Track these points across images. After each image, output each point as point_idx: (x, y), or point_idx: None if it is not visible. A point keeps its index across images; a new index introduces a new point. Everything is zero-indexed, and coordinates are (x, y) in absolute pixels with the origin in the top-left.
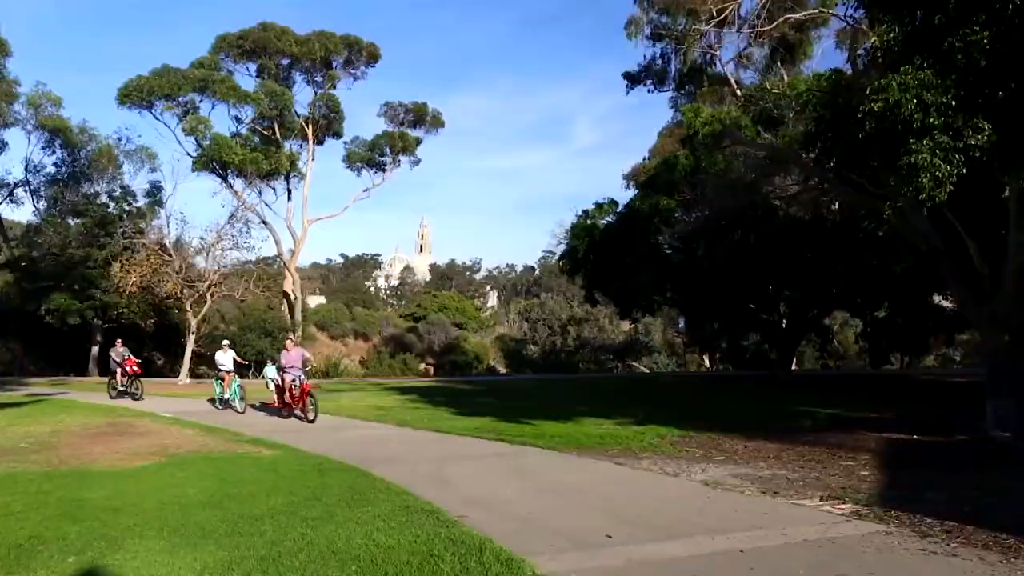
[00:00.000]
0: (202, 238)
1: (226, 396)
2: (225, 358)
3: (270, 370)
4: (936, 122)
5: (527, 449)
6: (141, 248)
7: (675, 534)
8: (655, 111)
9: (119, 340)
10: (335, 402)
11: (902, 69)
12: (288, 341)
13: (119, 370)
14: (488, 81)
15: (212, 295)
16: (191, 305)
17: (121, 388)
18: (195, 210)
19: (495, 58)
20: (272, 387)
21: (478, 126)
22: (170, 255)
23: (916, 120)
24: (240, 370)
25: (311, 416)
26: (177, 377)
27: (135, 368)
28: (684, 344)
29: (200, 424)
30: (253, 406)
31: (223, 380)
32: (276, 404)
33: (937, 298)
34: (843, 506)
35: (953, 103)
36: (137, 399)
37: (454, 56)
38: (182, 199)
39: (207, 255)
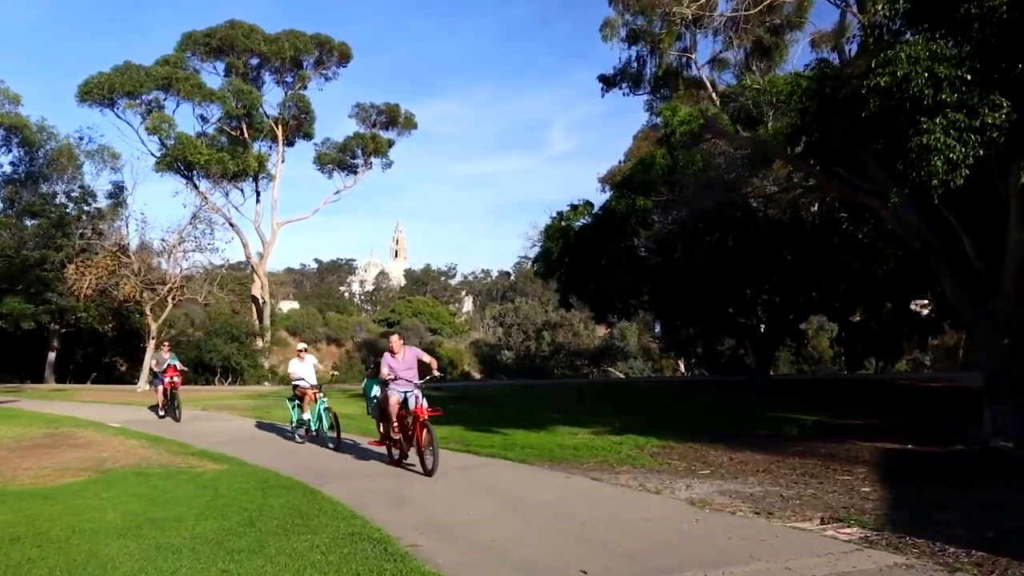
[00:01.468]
0: (163, 239)
1: (306, 418)
2: (304, 368)
3: (372, 385)
4: (949, 99)
5: (496, 462)
6: (99, 250)
7: (662, 568)
8: (630, 117)
9: (166, 343)
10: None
11: (911, 39)
12: (394, 337)
13: (160, 384)
14: (464, 88)
15: (174, 299)
16: (151, 309)
17: (163, 407)
18: (159, 212)
19: (471, 65)
20: (373, 412)
21: (454, 132)
22: (128, 257)
23: (927, 96)
24: (184, 376)
25: (430, 463)
26: (134, 384)
27: (174, 380)
28: (660, 349)
29: (147, 435)
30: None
31: (300, 399)
32: (377, 441)
33: (915, 305)
34: (849, 530)
35: (968, 77)
36: (177, 420)
37: (430, 63)
38: (146, 200)
39: (168, 257)
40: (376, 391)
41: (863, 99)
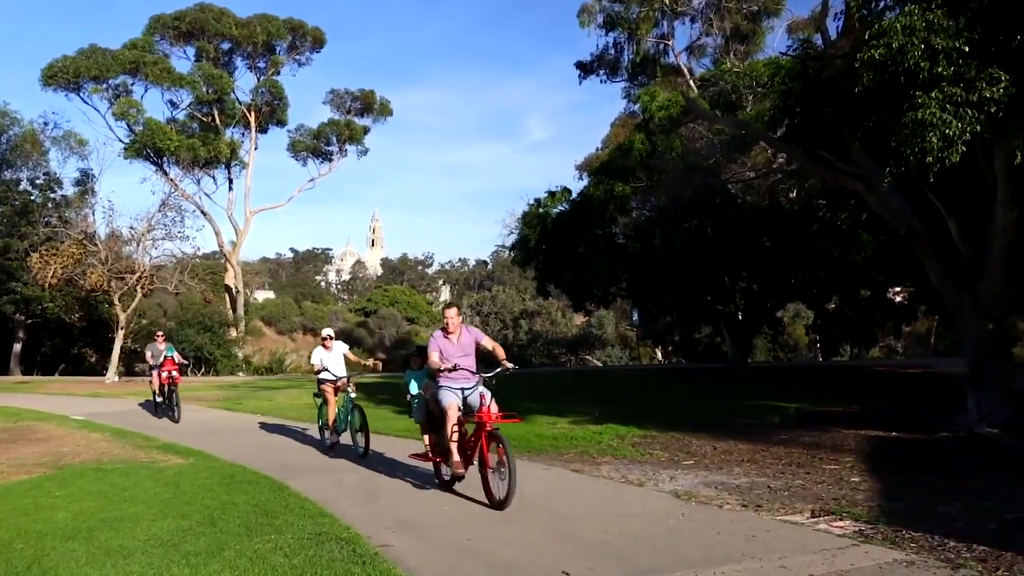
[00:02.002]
0: (132, 227)
1: (331, 421)
2: (331, 358)
3: (413, 380)
4: (946, 72)
5: None
6: (65, 238)
7: (650, 568)
8: (607, 106)
9: (160, 334)
10: (269, 400)
11: (907, 8)
12: (451, 312)
13: (155, 375)
14: (441, 76)
15: (143, 288)
16: (120, 299)
17: (160, 400)
18: (127, 200)
19: (448, 53)
20: (417, 416)
21: (430, 121)
22: (95, 245)
23: (923, 70)
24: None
25: (500, 490)
26: (103, 375)
27: (173, 374)
28: (637, 337)
29: (111, 428)
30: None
31: (326, 395)
32: (422, 456)
33: (889, 292)
34: (842, 523)
35: (966, 49)
36: (175, 421)
37: (405, 51)
38: (113, 188)
39: (137, 246)
40: (416, 387)
41: (852, 76)
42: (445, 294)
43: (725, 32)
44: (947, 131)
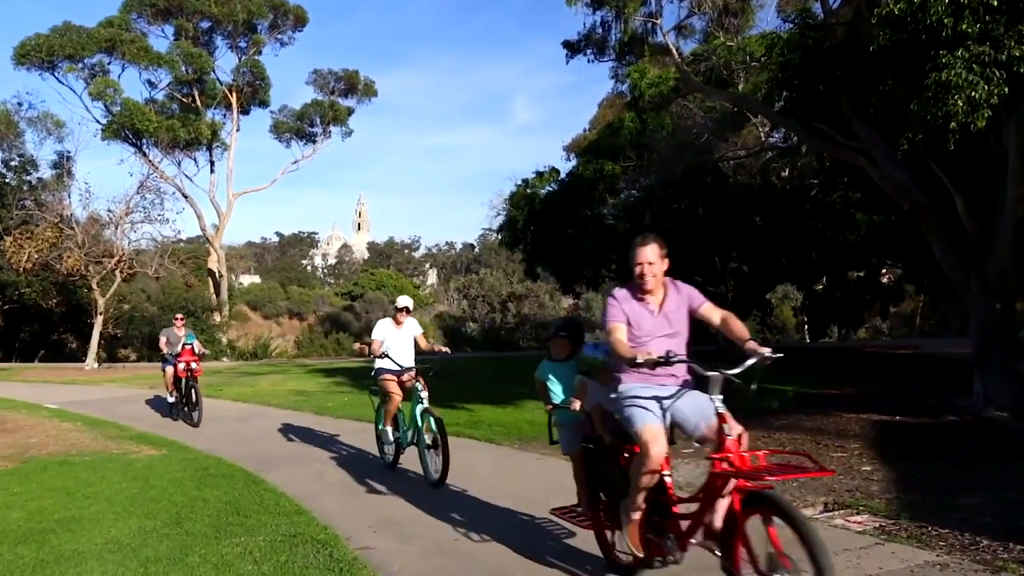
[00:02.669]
0: (110, 211)
1: (392, 433)
2: (399, 338)
3: (554, 377)
4: (971, 29)
5: (460, 442)
6: (41, 221)
7: (656, 572)
8: (594, 88)
9: (179, 317)
10: (251, 387)
11: None
12: (645, 249)
13: (171, 369)
14: (426, 58)
15: (122, 272)
16: (98, 283)
17: (174, 399)
18: (105, 182)
19: (433, 35)
20: (567, 446)
21: (416, 103)
22: (72, 229)
23: (947, 27)
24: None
25: None
26: (82, 362)
27: (192, 367)
28: None
29: (85, 417)
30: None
31: (388, 395)
32: (573, 515)
33: (884, 272)
34: (859, 519)
35: (994, 3)
36: (195, 425)
37: (389, 33)
38: (90, 170)
39: (115, 229)
40: (562, 390)
41: (856, 43)
42: (432, 277)
43: (718, 6)
44: (973, 94)
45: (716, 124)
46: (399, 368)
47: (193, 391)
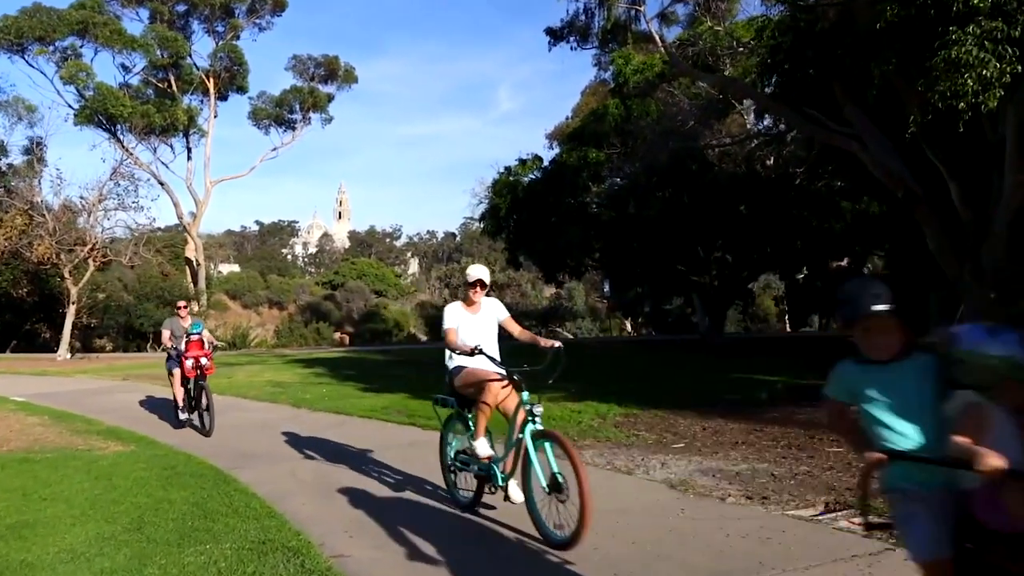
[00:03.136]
0: (82, 198)
1: (482, 451)
2: (479, 326)
3: (878, 396)
4: (983, 4)
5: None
6: (10, 208)
7: None
8: (577, 77)
9: (182, 305)
10: (227, 378)
11: None
12: None
13: (178, 369)
14: (407, 47)
15: (95, 261)
16: (70, 272)
17: (182, 405)
18: (78, 168)
19: (413, 24)
20: (915, 533)
21: (397, 92)
22: (42, 216)
23: (957, 1)
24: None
25: None
26: (55, 352)
27: (201, 362)
28: (608, 309)
29: (52, 410)
30: None
31: (468, 404)
32: None
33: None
34: (863, 520)
35: None
36: (206, 433)
37: (370, 21)
38: (62, 156)
39: (88, 216)
40: (895, 422)
41: (850, 24)
42: (413, 266)
43: None
44: (984, 72)
45: (701, 111)
46: (499, 370)
47: (203, 393)
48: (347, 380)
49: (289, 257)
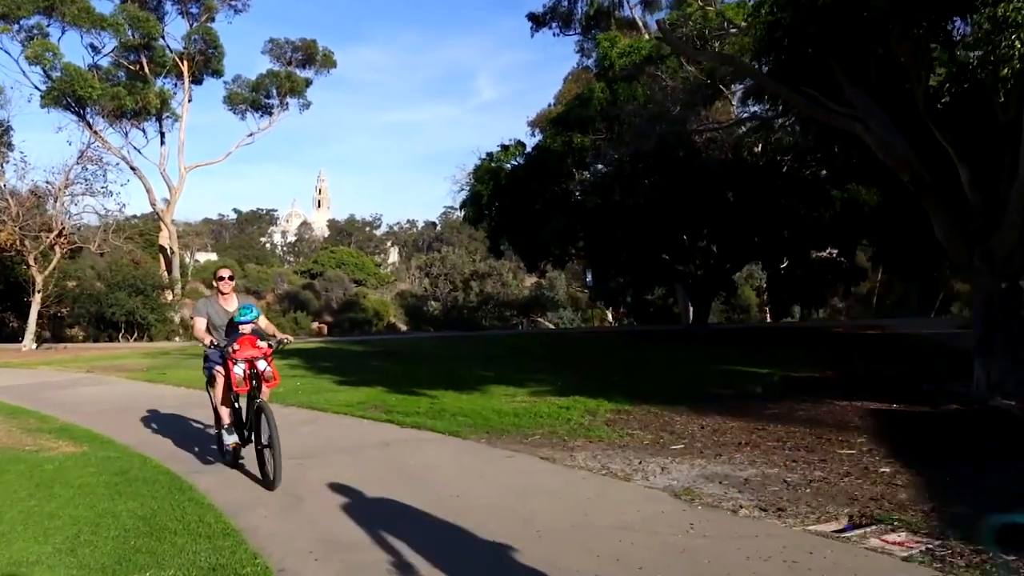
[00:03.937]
0: (48, 182)
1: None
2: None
3: None
4: None
5: (422, 435)
6: None
7: None
8: (559, 65)
9: (225, 275)
10: (198, 370)
11: None
12: None
13: (222, 379)
14: (388, 34)
15: (61, 248)
16: (35, 259)
17: (232, 437)
18: (46, 155)
19: (395, 11)
20: None
21: (377, 80)
22: (5, 200)
23: None
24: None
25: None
26: (21, 342)
27: (260, 365)
28: (589, 298)
29: (5, 405)
30: None
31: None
32: None
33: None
34: (898, 537)
35: None
36: (269, 484)
37: (349, 8)
38: (26, 139)
39: (54, 202)
40: None
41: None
42: (393, 255)
43: None
44: None
45: (688, 95)
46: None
47: (263, 417)
48: (323, 372)
49: (268, 246)
